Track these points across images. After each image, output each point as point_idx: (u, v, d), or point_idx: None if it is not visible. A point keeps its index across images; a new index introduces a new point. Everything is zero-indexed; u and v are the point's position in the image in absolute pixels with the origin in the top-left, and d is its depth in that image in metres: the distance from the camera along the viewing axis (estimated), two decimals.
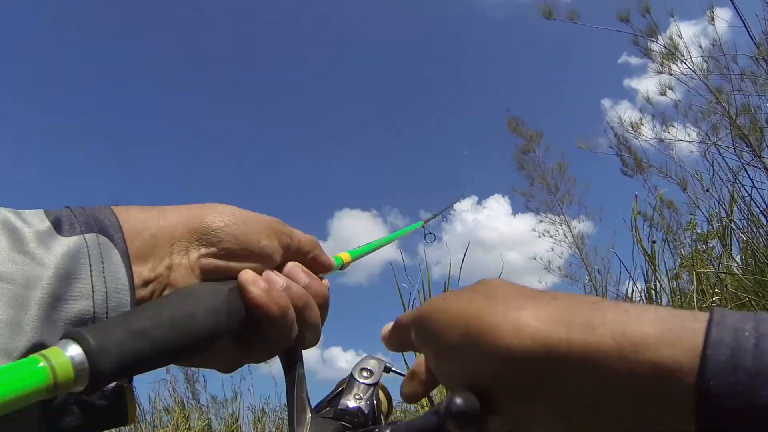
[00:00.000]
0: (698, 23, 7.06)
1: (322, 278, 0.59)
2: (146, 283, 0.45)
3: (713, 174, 3.47)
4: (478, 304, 0.37)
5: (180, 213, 0.49)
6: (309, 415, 0.53)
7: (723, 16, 5.86)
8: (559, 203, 10.96)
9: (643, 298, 3.44)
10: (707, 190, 3.75)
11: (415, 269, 3.61)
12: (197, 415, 6.24)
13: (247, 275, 0.49)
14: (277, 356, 0.55)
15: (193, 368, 7.30)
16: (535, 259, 10.71)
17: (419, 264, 3.59)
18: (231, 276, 0.49)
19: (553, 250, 10.62)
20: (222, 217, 0.50)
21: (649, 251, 3.23)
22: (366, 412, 0.59)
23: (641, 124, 7.21)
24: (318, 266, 0.59)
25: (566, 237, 10.51)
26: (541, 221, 11.09)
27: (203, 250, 0.48)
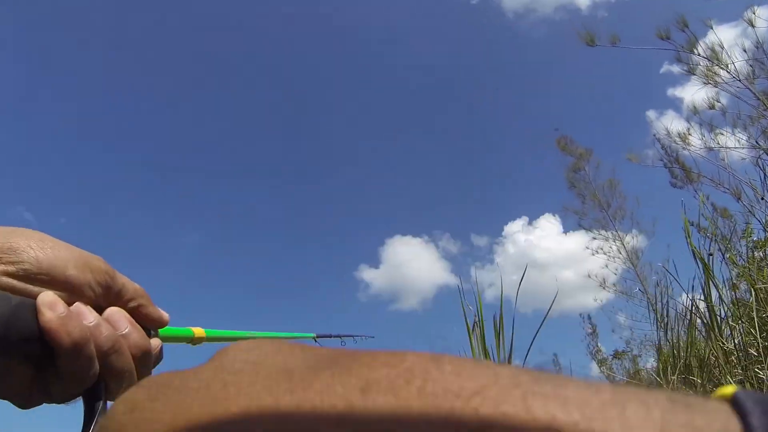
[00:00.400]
0: (738, 24, 6.90)
1: (152, 334, 0.57)
2: None
3: (765, 179, 3.36)
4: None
5: None
6: None
7: (764, 15, 5.70)
8: (611, 219, 10.75)
9: (704, 311, 3.33)
10: (762, 198, 3.63)
11: (468, 293, 3.60)
12: None
13: (47, 296, 0.47)
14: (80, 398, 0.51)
15: None
16: (589, 276, 10.49)
17: (473, 287, 3.59)
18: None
19: (607, 266, 10.39)
20: (27, 239, 0.49)
21: (705, 262, 3.14)
22: None
23: (689, 134, 7.04)
24: (146, 319, 0.57)
25: (620, 253, 10.26)
26: (594, 238, 10.88)
27: (1, 268, 0.47)
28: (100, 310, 0.51)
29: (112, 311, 0.52)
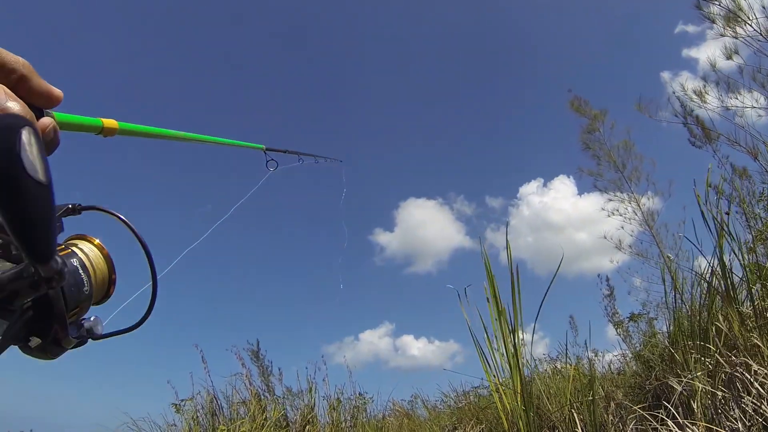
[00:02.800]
0: None
1: (38, 112, 0.51)
2: None
3: None
4: None
5: None
6: None
7: None
8: (626, 181, 10.60)
9: (717, 274, 3.29)
10: None
11: (482, 255, 3.61)
12: (273, 407, 6.44)
13: None
14: None
15: (267, 362, 7.55)
16: (605, 238, 10.42)
17: (487, 250, 3.59)
18: None
19: (623, 228, 10.30)
20: None
21: (720, 224, 3.09)
22: None
23: (705, 92, 6.86)
24: (32, 96, 0.50)
25: (635, 215, 10.16)
26: (610, 200, 10.76)
27: None
28: None
29: None
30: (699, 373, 2.82)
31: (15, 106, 0.45)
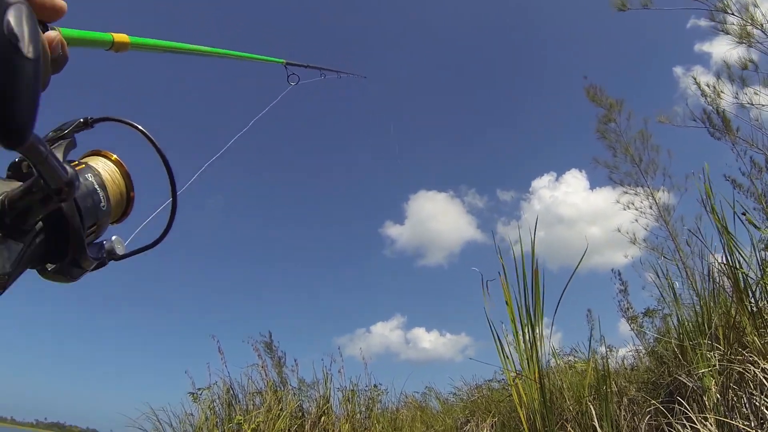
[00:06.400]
0: None
1: (44, 27, 0.48)
2: None
3: None
4: None
5: None
6: None
7: None
8: (642, 174, 10.51)
9: (731, 272, 3.29)
10: None
11: (495, 249, 3.65)
12: (289, 398, 6.51)
13: None
14: None
15: (280, 353, 7.62)
16: (619, 231, 10.37)
17: (499, 244, 3.62)
18: None
19: (637, 221, 10.24)
20: None
21: (725, 227, 3.09)
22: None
23: (721, 90, 6.80)
24: (33, 5, 0.44)
25: (651, 209, 10.08)
26: (626, 192, 10.68)
27: None
28: None
29: None
30: (707, 370, 2.84)
31: None
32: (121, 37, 0.61)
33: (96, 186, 0.58)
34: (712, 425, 2.49)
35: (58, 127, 0.58)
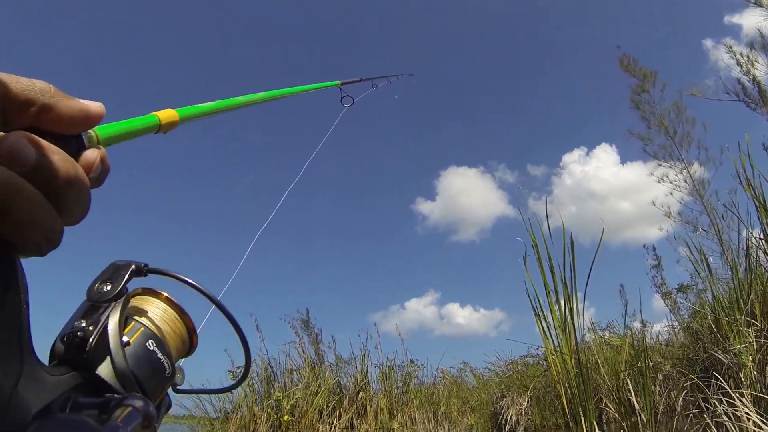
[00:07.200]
0: None
1: (83, 143, 0.40)
2: None
3: None
4: None
5: None
6: (15, 368, 0.34)
7: None
8: (677, 146, 10.34)
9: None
10: None
11: (526, 224, 3.71)
12: (327, 374, 6.68)
13: None
14: None
15: (317, 330, 7.77)
16: (654, 204, 10.26)
17: (530, 219, 3.67)
18: None
19: (671, 194, 10.10)
20: None
21: (760, 200, 3.08)
22: (82, 342, 0.42)
23: (755, 60, 6.64)
24: (63, 125, 0.38)
25: (685, 182, 9.94)
26: (660, 165, 10.52)
27: None
28: None
29: (6, 139, 0.33)
30: (743, 346, 2.87)
31: None
32: (167, 114, 0.55)
33: (156, 349, 0.50)
34: (748, 402, 2.53)
35: (107, 275, 0.48)
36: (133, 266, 0.49)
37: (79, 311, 0.44)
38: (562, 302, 3.43)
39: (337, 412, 6.31)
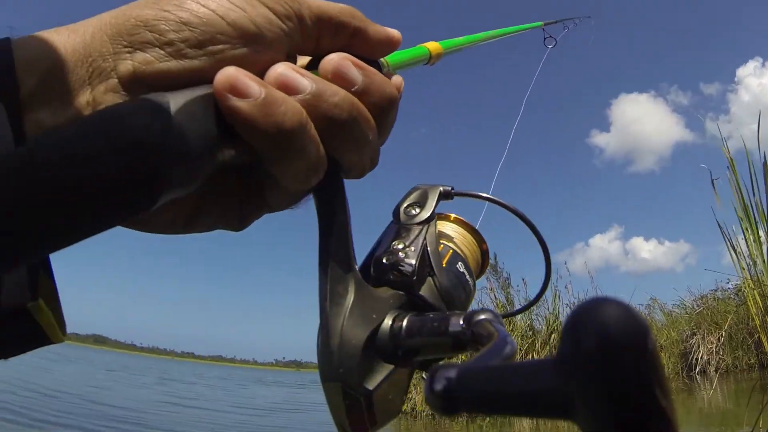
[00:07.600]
0: None
1: (385, 69, 0.40)
2: None
3: None
4: None
5: (100, 21, 0.31)
6: (352, 283, 0.35)
7: None
8: None
9: None
10: None
11: (706, 148, 3.59)
12: (518, 318, 7.09)
13: (227, 76, 0.29)
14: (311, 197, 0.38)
15: (506, 274, 7.95)
16: None
17: (709, 142, 3.59)
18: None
19: None
20: (159, 3, 0.31)
21: None
22: (408, 264, 0.41)
23: None
24: (372, 48, 0.38)
25: None
26: None
27: (139, 56, 0.30)
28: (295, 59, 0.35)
29: (332, 60, 0.34)
30: None
31: None
32: (434, 45, 0.56)
33: (467, 276, 0.48)
34: None
35: (416, 198, 0.47)
36: (441, 189, 0.48)
37: (389, 233, 0.44)
38: (759, 230, 3.17)
39: (530, 355, 6.66)
